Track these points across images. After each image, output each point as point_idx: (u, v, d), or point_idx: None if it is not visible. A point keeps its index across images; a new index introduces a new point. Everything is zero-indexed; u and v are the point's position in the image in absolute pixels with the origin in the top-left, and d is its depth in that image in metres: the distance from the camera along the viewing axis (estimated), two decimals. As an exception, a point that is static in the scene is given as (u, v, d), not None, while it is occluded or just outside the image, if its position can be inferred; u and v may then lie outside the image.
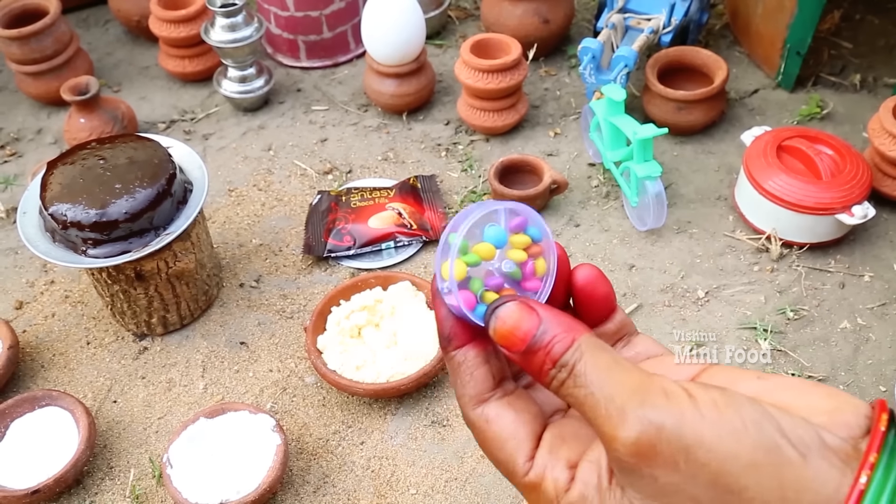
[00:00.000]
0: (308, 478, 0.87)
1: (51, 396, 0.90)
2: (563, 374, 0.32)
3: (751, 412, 0.29)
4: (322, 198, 1.15)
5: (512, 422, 0.34)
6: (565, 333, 0.32)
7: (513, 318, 0.33)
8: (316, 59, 1.40)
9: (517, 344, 0.33)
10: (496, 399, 0.35)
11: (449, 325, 0.36)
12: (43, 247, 0.89)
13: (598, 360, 0.31)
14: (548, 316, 0.33)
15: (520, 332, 0.32)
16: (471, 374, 0.35)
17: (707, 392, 0.30)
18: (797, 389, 0.31)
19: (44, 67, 1.29)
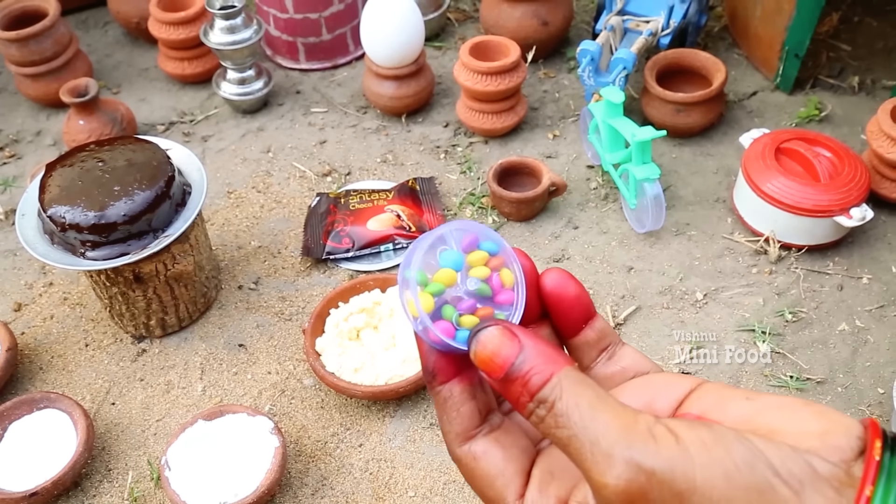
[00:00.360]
0: (306, 480, 0.87)
1: (49, 399, 0.90)
2: (542, 411, 0.30)
3: (741, 451, 0.28)
4: (321, 200, 1.15)
5: (501, 459, 0.34)
6: (544, 365, 0.31)
7: (493, 342, 0.32)
8: (315, 61, 1.41)
9: (496, 370, 0.32)
10: (483, 435, 0.34)
11: (433, 359, 0.34)
12: (41, 249, 0.89)
13: (579, 398, 0.30)
14: (529, 345, 0.31)
15: (499, 358, 0.31)
16: (457, 411, 0.34)
17: (694, 431, 0.29)
18: (787, 410, 0.31)
19: (43, 69, 1.29)
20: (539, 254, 1.08)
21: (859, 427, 0.29)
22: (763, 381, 0.93)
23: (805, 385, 0.92)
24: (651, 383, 0.35)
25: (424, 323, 0.33)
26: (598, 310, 0.99)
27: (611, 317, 0.99)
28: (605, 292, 1.02)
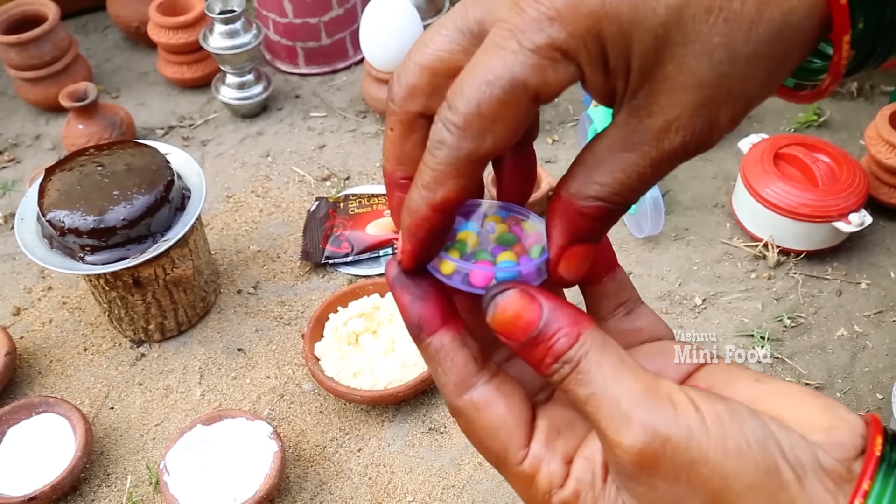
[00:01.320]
0: (305, 485, 0.87)
1: (48, 403, 0.90)
2: (565, 370, 0.30)
3: (755, 429, 0.28)
4: (320, 204, 1.15)
5: (504, 409, 0.33)
6: (570, 327, 0.30)
7: (514, 307, 0.31)
8: (314, 66, 1.41)
9: (517, 334, 0.31)
10: (483, 384, 0.33)
11: (416, 310, 0.33)
12: (41, 253, 0.89)
13: (603, 358, 0.30)
14: (551, 306, 0.31)
15: (521, 322, 0.31)
16: (451, 361, 0.33)
17: (713, 405, 0.29)
18: (795, 398, 0.31)
19: (42, 73, 1.29)
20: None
21: (863, 425, 0.30)
22: (762, 387, 0.93)
23: (804, 390, 0.92)
24: (664, 350, 0.35)
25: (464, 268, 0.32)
26: (597, 315, 1.00)
27: (610, 322, 0.99)
28: (604, 297, 1.02)
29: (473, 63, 0.28)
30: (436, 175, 0.30)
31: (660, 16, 0.27)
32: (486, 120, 0.28)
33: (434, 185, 0.30)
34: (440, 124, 0.29)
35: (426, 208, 0.31)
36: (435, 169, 0.30)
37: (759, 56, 0.28)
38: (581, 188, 0.30)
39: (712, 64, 0.27)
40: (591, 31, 0.27)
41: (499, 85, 0.28)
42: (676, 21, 0.27)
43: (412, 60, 0.31)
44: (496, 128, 0.29)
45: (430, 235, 0.32)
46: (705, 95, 0.28)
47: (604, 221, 0.31)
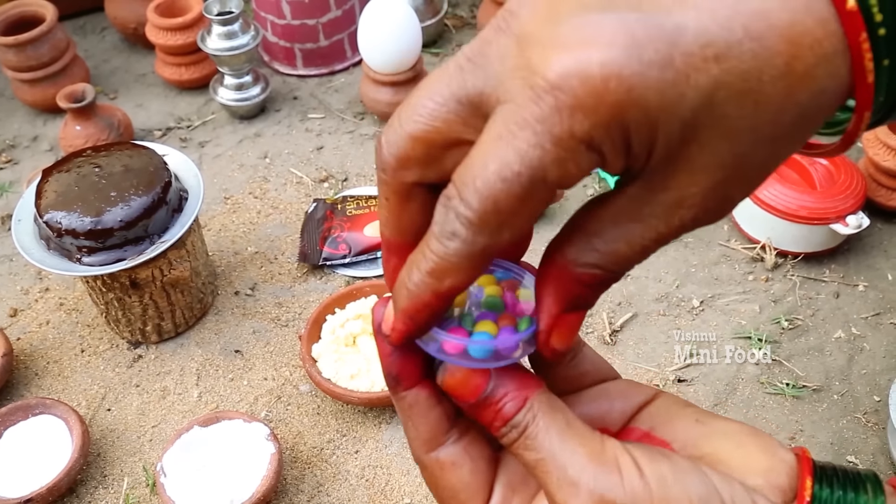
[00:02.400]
0: (302, 487, 0.87)
1: (44, 404, 0.89)
2: (513, 434, 0.31)
3: (698, 488, 0.29)
4: (318, 206, 1.15)
5: (468, 472, 0.33)
6: (517, 392, 0.30)
7: (462, 371, 0.31)
8: (312, 68, 1.41)
9: (466, 397, 0.31)
10: (451, 443, 0.33)
11: (397, 364, 0.32)
12: (37, 254, 0.89)
13: (550, 423, 0.30)
14: (499, 371, 0.31)
15: (469, 386, 0.31)
16: (424, 417, 0.33)
17: (657, 465, 0.30)
18: (733, 440, 0.32)
19: (40, 75, 1.29)
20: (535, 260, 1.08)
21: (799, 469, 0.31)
22: (759, 389, 0.93)
23: (801, 392, 0.92)
24: (607, 393, 0.36)
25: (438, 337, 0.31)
26: (595, 317, 1.00)
27: (607, 324, 0.99)
28: (602, 299, 1.02)
29: (485, 152, 0.26)
30: (444, 266, 0.28)
31: (689, 101, 0.25)
32: (504, 216, 0.27)
33: (441, 275, 0.29)
34: (452, 215, 0.27)
35: (430, 295, 0.29)
36: (444, 259, 0.28)
37: (782, 137, 0.27)
38: (579, 255, 0.30)
39: (735, 147, 0.26)
40: (616, 119, 0.25)
41: (518, 182, 0.26)
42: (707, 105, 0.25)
43: (404, 130, 0.28)
44: (515, 222, 0.27)
45: (429, 320, 0.31)
46: (724, 176, 0.27)
47: (598, 290, 0.31)
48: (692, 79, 0.25)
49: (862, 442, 0.88)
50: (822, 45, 0.25)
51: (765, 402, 0.92)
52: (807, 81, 0.25)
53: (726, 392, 0.93)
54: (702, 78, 0.25)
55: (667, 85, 0.24)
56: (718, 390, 0.93)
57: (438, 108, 0.28)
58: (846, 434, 0.89)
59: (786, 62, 0.25)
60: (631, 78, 0.24)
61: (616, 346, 0.98)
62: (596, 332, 0.99)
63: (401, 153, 0.29)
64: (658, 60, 0.24)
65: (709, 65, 0.24)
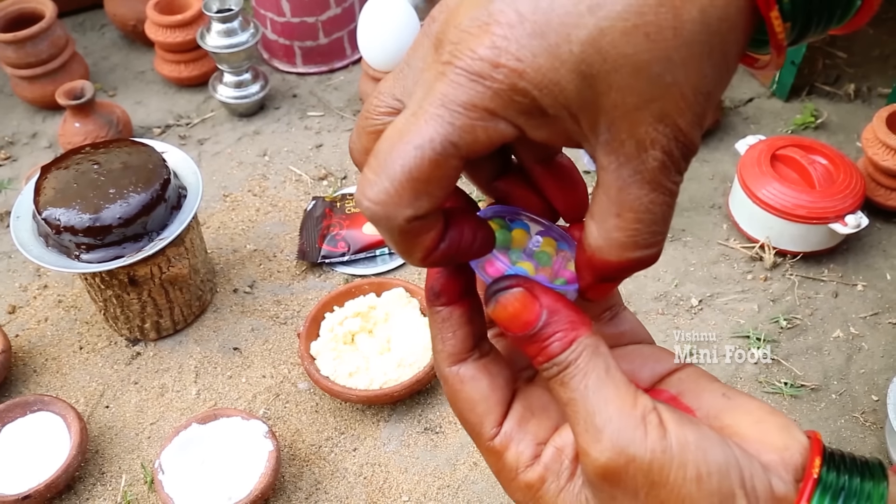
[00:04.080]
0: (300, 484, 0.87)
1: (43, 401, 0.89)
2: (554, 371, 0.32)
3: (718, 458, 0.30)
4: (317, 204, 1.15)
5: (486, 386, 0.35)
6: (565, 332, 0.32)
7: (514, 306, 0.32)
8: (312, 65, 1.41)
9: (514, 330, 0.32)
10: (473, 360, 0.35)
11: (441, 280, 0.35)
12: (36, 251, 0.89)
13: (590, 366, 0.31)
14: (551, 308, 0.32)
15: (519, 321, 0.32)
16: (453, 333, 0.35)
17: (682, 429, 0.30)
18: (755, 416, 0.32)
19: (39, 71, 1.29)
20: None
21: None
22: (758, 388, 0.93)
23: (799, 392, 0.92)
24: (640, 353, 0.37)
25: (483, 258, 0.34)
26: (594, 315, 1.00)
27: (606, 322, 0.99)
28: (601, 298, 1.02)
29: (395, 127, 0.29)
30: (398, 246, 0.31)
31: (577, 54, 0.27)
32: (420, 183, 0.28)
33: (405, 251, 0.31)
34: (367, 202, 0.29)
35: (421, 263, 0.32)
36: (393, 242, 0.30)
37: (695, 55, 0.28)
38: (600, 241, 0.31)
39: (651, 78, 0.28)
40: (515, 87, 0.27)
41: (429, 148, 0.28)
42: (596, 53, 0.27)
43: (359, 128, 0.32)
44: (431, 189, 0.29)
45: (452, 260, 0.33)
46: (659, 107, 0.28)
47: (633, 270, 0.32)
48: (572, 35, 0.27)
49: (860, 441, 0.88)
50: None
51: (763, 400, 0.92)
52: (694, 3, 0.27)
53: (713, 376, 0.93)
54: (581, 32, 0.27)
55: (551, 48, 0.27)
56: (717, 389, 0.93)
57: (380, 105, 0.31)
58: (844, 433, 0.89)
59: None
60: (518, 51, 0.27)
61: (614, 344, 0.98)
62: (594, 331, 0.99)
63: (361, 147, 0.32)
64: (539, 29, 0.27)
65: (584, 18, 0.27)
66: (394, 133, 0.29)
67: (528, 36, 0.27)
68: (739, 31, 0.29)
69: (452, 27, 0.28)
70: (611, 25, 0.26)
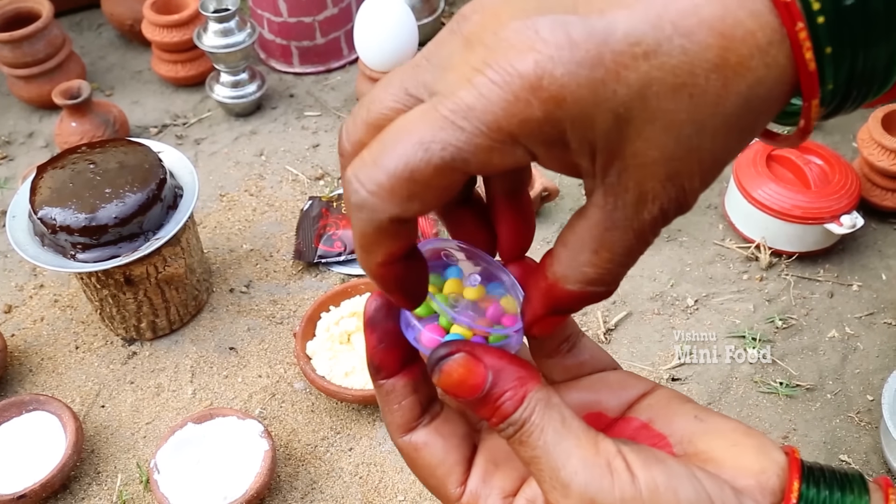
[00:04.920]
0: (296, 484, 0.87)
1: (38, 401, 0.89)
2: (510, 431, 0.31)
3: (690, 495, 0.29)
4: (313, 203, 1.15)
5: (441, 449, 0.34)
6: (515, 390, 0.31)
7: (458, 372, 0.31)
8: (309, 65, 1.41)
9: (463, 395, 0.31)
10: (424, 426, 0.35)
11: (379, 354, 0.34)
12: (32, 251, 0.89)
13: (546, 421, 0.31)
14: (497, 367, 0.31)
15: (466, 386, 0.31)
16: (399, 404, 0.34)
17: (649, 471, 0.30)
18: (730, 438, 0.32)
19: (36, 71, 1.29)
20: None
21: None
22: (753, 388, 0.93)
23: (795, 392, 0.92)
24: (606, 381, 0.37)
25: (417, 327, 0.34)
26: (589, 315, 1.00)
27: (602, 322, 1.00)
28: (597, 298, 1.02)
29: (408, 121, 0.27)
30: (365, 239, 0.29)
31: (621, 96, 0.26)
32: (419, 186, 0.27)
33: (369, 248, 0.30)
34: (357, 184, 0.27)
35: (374, 267, 0.31)
36: (363, 233, 0.29)
37: (728, 127, 0.27)
38: (567, 271, 0.31)
39: (680, 139, 0.27)
40: (549, 116, 0.26)
41: (438, 154, 0.26)
42: (640, 100, 0.26)
43: (358, 117, 0.30)
44: (426, 195, 0.27)
45: (396, 284, 0.32)
46: (675, 167, 0.28)
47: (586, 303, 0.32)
48: (622, 76, 0.26)
49: (855, 441, 0.88)
50: (755, 37, 0.26)
51: (758, 401, 0.92)
52: (742, 72, 0.26)
53: (720, 391, 0.93)
54: (632, 75, 0.26)
55: (597, 82, 0.25)
56: (712, 389, 0.93)
57: (388, 97, 0.29)
58: (839, 433, 0.89)
59: (718, 55, 0.26)
60: (563, 77, 0.25)
61: (610, 344, 0.98)
62: (590, 331, 0.99)
63: (356, 139, 0.30)
64: (589, 59, 0.25)
65: (638, 62, 0.25)
66: (405, 126, 0.27)
67: (576, 64, 0.25)
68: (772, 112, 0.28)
69: (490, 32, 0.26)
70: (662, 77, 0.26)
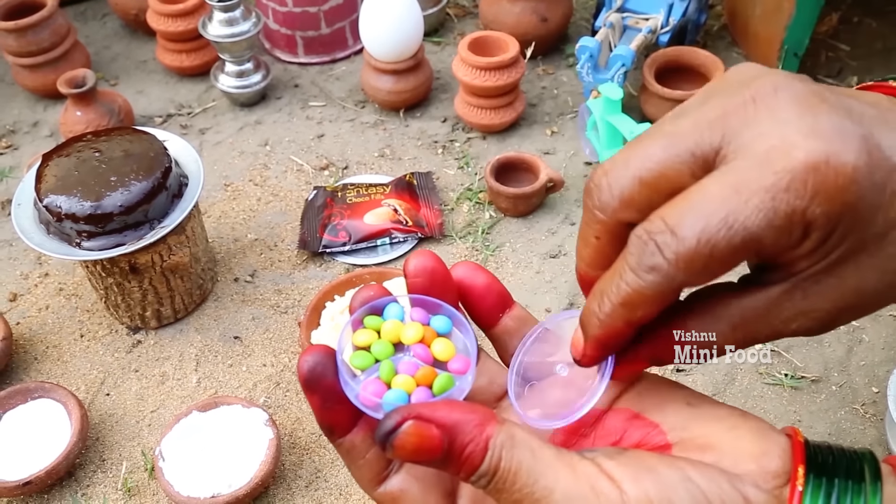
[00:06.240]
0: (300, 472, 0.87)
1: (43, 388, 0.90)
2: (483, 482, 0.30)
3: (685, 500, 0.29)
4: (318, 193, 1.15)
5: (419, 491, 0.33)
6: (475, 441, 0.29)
7: (411, 443, 0.29)
8: (313, 55, 1.40)
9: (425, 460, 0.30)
10: (395, 472, 0.34)
11: (327, 416, 0.33)
12: (37, 239, 0.89)
13: (515, 461, 0.29)
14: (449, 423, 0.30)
15: (423, 451, 0.30)
16: (363, 459, 0.33)
17: (641, 485, 0.29)
18: (725, 424, 0.31)
19: (40, 60, 1.29)
20: (535, 249, 1.08)
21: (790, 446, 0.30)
22: (758, 379, 0.93)
23: (800, 383, 0.92)
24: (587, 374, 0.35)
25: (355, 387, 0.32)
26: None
27: (606, 313, 0.99)
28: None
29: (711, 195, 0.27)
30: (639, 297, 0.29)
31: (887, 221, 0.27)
32: (714, 262, 0.28)
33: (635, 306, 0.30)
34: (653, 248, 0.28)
35: (622, 324, 0.30)
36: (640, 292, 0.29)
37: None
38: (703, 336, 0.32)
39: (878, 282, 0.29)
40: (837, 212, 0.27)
41: (740, 235, 0.27)
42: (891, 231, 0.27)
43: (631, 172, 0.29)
44: (716, 270, 0.28)
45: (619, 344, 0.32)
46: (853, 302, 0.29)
47: None
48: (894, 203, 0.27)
49: (860, 433, 0.88)
50: None
51: (763, 392, 0.92)
52: None
53: (724, 382, 0.93)
54: None
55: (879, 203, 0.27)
56: (717, 380, 0.93)
57: (671, 157, 0.29)
58: (844, 425, 0.89)
59: None
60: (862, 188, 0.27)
61: (615, 335, 0.98)
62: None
63: (625, 194, 0.30)
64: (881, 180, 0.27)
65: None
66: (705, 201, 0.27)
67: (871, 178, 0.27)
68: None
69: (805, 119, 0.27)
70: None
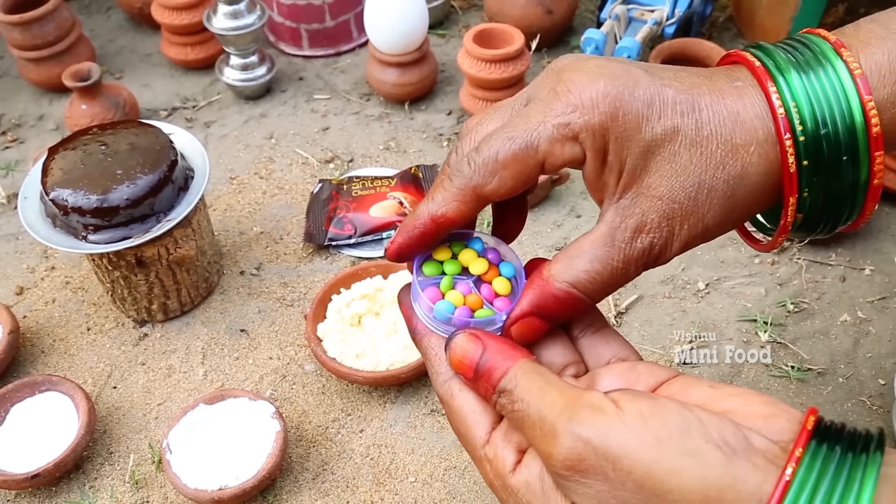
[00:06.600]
0: (307, 465, 0.87)
1: (51, 381, 0.90)
2: (503, 399, 0.36)
3: (677, 420, 0.32)
4: (323, 186, 1.15)
5: (473, 399, 0.39)
6: (503, 362, 0.36)
7: (461, 346, 0.37)
8: (318, 48, 1.40)
9: (466, 372, 0.37)
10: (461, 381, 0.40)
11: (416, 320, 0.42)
12: (44, 232, 0.89)
13: (531, 383, 0.35)
14: (491, 345, 0.37)
15: (466, 360, 0.37)
16: (440, 359, 0.40)
17: (635, 402, 0.33)
18: (742, 397, 0.35)
19: (45, 53, 1.29)
20: (541, 242, 1.08)
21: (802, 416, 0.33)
22: (764, 372, 0.93)
23: (806, 375, 0.92)
24: (635, 369, 0.40)
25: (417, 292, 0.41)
26: (600, 298, 1.00)
27: (612, 305, 0.99)
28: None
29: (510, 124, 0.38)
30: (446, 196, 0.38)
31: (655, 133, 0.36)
32: (499, 165, 0.37)
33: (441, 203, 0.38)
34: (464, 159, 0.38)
35: (427, 216, 0.39)
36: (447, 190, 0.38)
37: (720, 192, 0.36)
38: (560, 272, 0.38)
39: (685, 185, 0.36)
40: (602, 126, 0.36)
41: (517, 142, 0.36)
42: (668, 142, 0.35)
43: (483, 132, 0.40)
44: (503, 174, 0.37)
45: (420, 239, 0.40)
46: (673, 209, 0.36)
47: (569, 307, 0.38)
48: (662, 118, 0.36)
49: (866, 424, 0.88)
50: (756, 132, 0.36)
51: (769, 384, 0.92)
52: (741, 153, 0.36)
53: (731, 374, 0.93)
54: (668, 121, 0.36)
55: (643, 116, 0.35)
56: (723, 372, 0.93)
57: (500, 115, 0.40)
58: (850, 417, 0.89)
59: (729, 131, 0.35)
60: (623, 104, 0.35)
61: (621, 328, 0.98)
62: (601, 314, 0.99)
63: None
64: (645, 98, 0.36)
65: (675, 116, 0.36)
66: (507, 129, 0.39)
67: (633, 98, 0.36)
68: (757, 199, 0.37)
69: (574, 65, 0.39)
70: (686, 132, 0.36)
